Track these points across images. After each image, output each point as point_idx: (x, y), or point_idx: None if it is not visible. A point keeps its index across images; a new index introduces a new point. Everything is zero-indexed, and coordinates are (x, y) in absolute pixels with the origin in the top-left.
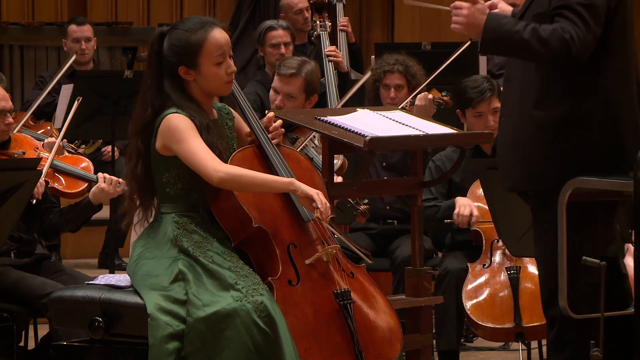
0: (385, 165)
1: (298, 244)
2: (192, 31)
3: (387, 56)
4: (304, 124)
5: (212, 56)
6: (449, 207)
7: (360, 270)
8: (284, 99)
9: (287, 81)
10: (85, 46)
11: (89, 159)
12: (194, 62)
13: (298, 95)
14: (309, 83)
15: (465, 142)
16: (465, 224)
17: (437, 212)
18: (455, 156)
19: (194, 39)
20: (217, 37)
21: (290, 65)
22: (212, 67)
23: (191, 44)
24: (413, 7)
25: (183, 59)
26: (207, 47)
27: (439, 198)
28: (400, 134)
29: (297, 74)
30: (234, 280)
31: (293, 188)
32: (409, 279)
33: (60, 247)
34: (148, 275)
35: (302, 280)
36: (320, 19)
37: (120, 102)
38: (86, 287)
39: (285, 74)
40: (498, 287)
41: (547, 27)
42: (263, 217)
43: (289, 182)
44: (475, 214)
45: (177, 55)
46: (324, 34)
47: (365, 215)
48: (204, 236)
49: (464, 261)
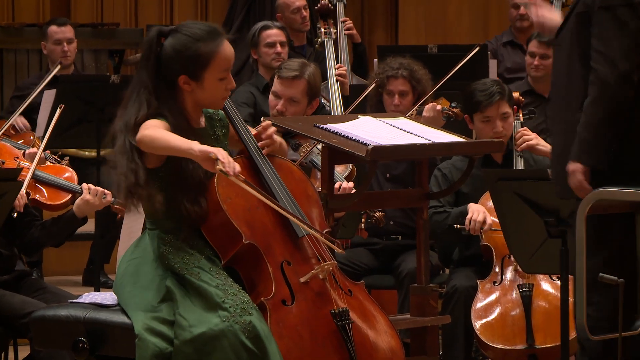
0: (389, 177)
1: (292, 261)
2: (202, 41)
3: (391, 60)
4: (303, 132)
5: (219, 71)
6: (461, 213)
7: (359, 287)
8: (286, 104)
9: (289, 84)
10: (68, 48)
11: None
12: (198, 74)
13: (301, 99)
14: (312, 86)
15: (475, 151)
16: (478, 230)
17: (446, 218)
18: (462, 165)
19: (205, 51)
20: (227, 52)
21: (291, 67)
22: (216, 82)
23: (200, 55)
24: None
25: (187, 69)
26: (217, 61)
27: (446, 206)
28: (404, 142)
29: (299, 76)
30: (222, 299)
31: (191, 151)
32: (414, 297)
33: (42, 263)
34: (135, 292)
35: (297, 300)
36: (325, 26)
37: (106, 108)
38: (70, 306)
39: (287, 76)
40: (509, 305)
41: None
42: (254, 232)
43: (188, 146)
44: (488, 221)
45: (181, 63)
46: (329, 40)
47: (381, 223)
48: (191, 253)
49: (473, 278)
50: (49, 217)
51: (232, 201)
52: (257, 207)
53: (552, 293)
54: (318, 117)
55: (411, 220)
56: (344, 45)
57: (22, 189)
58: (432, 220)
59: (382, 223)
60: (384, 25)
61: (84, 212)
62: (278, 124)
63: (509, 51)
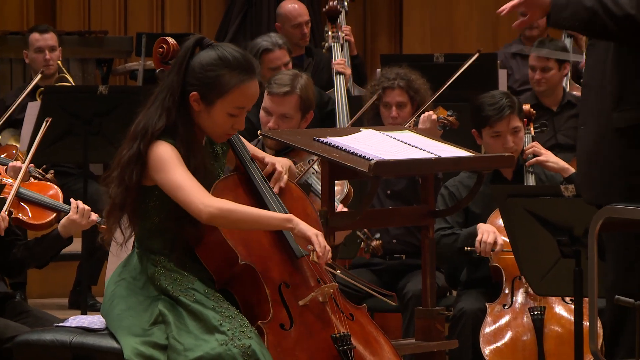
0: (390, 194)
1: (290, 283)
2: (230, 68)
3: (387, 70)
4: (302, 147)
5: (232, 107)
6: (470, 235)
7: (360, 311)
8: (277, 121)
9: (280, 101)
10: (50, 56)
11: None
12: (211, 99)
13: (294, 115)
14: (305, 99)
15: (484, 167)
16: (489, 252)
17: (455, 240)
18: (470, 182)
19: (227, 80)
20: (250, 91)
21: (282, 82)
22: (224, 115)
23: (220, 81)
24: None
25: (201, 89)
26: (234, 95)
27: (455, 227)
28: (409, 157)
29: (291, 91)
30: (219, 321)
31: (290, 226)
32: (419, 321)
33: (26, 284)
34: (125, 315)
35: (296, 324)
36: (333, 29)
37: (93, 121)
38: (55, 330)
39: (278, 92)
40: (520, 330)
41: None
42: (251, 253)
43: (287, 218)
44: (499, 242)
45: (199, 81)
46: (336, 45)
47: (378, 252)
48: (184, 275)
49: (481, 301)
50: (33, 237)
51: None
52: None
53: (565, 317)
54: (318, 130)
55: (416, 239)
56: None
57: (5, 208)
58: (441, 244)
59: (379, 252)
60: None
61: (69, 232)
62: (275, 137)
63: (518, 62)
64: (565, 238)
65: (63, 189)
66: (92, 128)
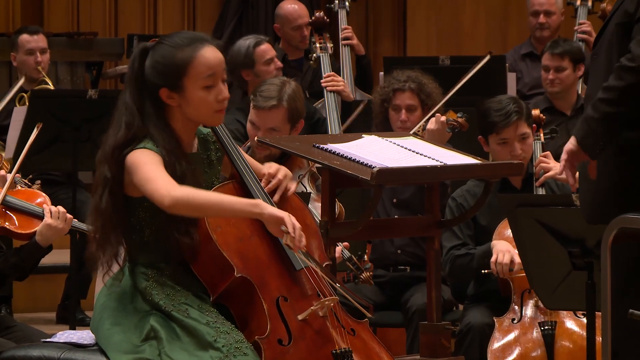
0: (396, 202)
1: (289, 297)
2: (178, 47)
3: (397, 72)
4: (301, 154)
5: (200, 78)
6: (485, 254)
7: (362, 326)
8: (265, 134)
9: (266, 115)
10: (41, 58)
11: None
12: (178, 84)
13: (282, 127)
14: (293, 110)
15: (492, 175)
16: (507, 273)
17: (471, 261)
18: (478, 191)
19: (180, 57)
20: (208, 56)
21: (268, 94)
22: (199, 92)
23: (176, 62)
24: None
25: (166, 80)
26: (195, 66)
27: (468, 243)
28: (414, 164)
29: (277, 104)
30: (213, 337)
31: (258, 210)
32: (424, 336)
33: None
34: (115, 331)
35: (295, 339)
36: (321, 40)
37: (82, 127)
38: (43, 346)
39: (264, 106)
40: (530, 346)
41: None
42: (247, 265)
43: (253, 203)
44: (517, 261)
45: (159, 75)
46: (325, 56)
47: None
48: (177, 289)
49: (489, 315)
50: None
51: (223, 230)
52: (250, 237)
53: (577, 332)
54: (317, 137)
55: (421, 250)
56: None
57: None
58: (456, 264)
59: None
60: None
61: (48, 239)
62: (273, 144)
63: (527, 64)
64: (577, 249)
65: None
66: (81, 134)
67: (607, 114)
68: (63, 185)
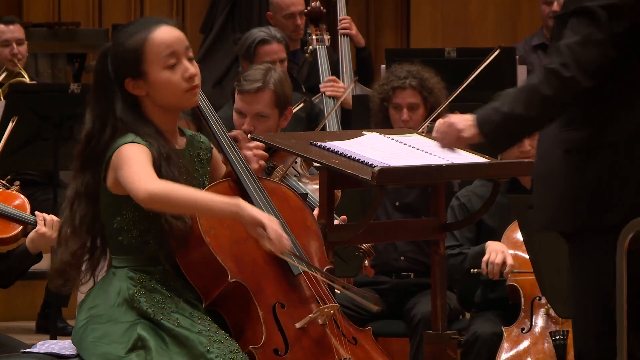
0: (399, 205)
1: (286, 304)
2: (132, 34)
3: (396, 68)
4: (297, 152)
5: (159, 59)
6: (478, 254)
7: (365, 334)
8: (253, 121)
9: (252, 99)
10: (17, 50)
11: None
12: (138, 70)
13: (270, 113)
14: (280, 95)
15: (500, 174)
16: (497, 274)
17: (463, 260)
18: (484, 191)
19: (133, 42)
20: (162, 35)
21: (252, 77)
22: (163, 73)
23: (131, 48)
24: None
25: (127, 70)
26: (150, 48)
27: (465, 244)
28: (418, 163)
29: (263, 87)
30: (206, 347)
31: (236, 210)
32: (429, 346)
33: None
34: (99, 342)
35: (292, 349)
36: (317, 32)
37: (64, 123)
38: (22, 357)
39: (249, 89)
40: (541, 356)
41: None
42: (242, 269)
43: (233, 202)
44: (509, 262)
45: (120, 67)
46: (321, 48)
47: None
48: (167, 295)
49: (497, 324)
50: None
51: (216, 232)
52: (245, 239)
53: None
54: (315, 134)
55: (425, 256)
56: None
57: None
58: (448, 265)
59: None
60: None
61: (38, 247)
62: (267, 141)
63: (540, 57)
64: None
65: (30, 200)
66: (62, 131)
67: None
68: (43, 185)
